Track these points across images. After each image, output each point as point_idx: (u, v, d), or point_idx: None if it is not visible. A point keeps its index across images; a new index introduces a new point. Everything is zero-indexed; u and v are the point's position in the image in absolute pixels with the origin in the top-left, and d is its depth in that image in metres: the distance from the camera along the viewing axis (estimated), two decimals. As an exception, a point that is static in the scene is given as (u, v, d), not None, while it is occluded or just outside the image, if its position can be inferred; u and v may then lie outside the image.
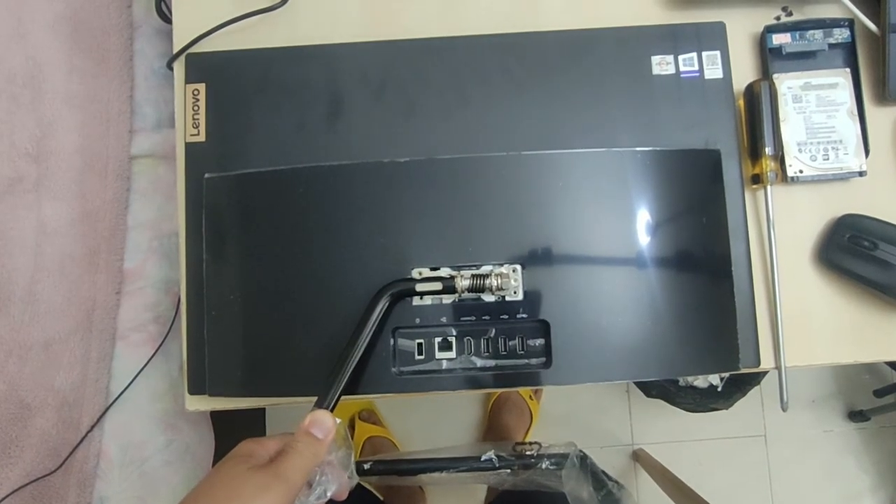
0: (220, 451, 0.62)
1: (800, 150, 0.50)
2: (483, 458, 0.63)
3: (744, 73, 0.52)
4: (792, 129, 0.51)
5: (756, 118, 0.49)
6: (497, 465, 0.62)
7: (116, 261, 0.58)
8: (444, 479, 0.65)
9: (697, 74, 0.50)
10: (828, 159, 0.50)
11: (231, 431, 0.60)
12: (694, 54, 0.51)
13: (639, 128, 0.50)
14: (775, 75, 0.51)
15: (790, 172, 0.50)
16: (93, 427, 0.56)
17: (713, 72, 0.51)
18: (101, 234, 0.57)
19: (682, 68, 0.50)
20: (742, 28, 0.53)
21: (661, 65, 0.50)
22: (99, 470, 0.57)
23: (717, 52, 0.51)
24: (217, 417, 0.63)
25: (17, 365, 0.54)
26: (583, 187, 0.47)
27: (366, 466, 0.59)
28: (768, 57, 0.51)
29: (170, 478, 0.58)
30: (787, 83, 0.51)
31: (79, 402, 0.56)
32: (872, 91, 0.52)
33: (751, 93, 0.50)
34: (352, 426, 1.21)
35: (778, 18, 0.53)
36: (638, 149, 0.47)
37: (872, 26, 0.51)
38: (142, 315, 0.59)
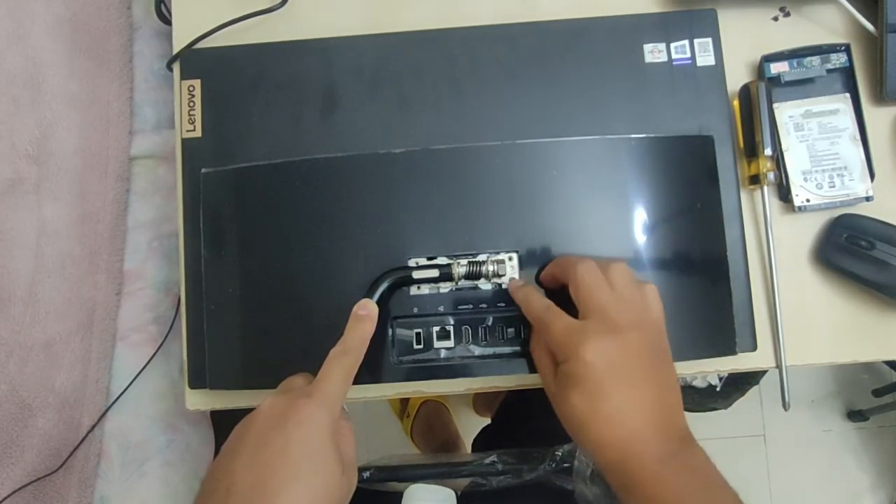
0: (221, 452, 0.62)
1: (805, 179, 0.50)
2: (486, 461, 0.62)
3: (738, 69, 0.53)
4: (796, 158, 0.51)
5: (753, 119, 0.49)
6: (501, 470, 0.62)
7: (117, 261, 0.58)
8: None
9: (689, 62, 0.51)
10: (834, 186, 0.50)
11: (231, 431, 0.60)
12: (686, 42, 0.51)
13: (632, 115, 0.50)
14: (776, 105, 0.51)
15: (797, 202, 0.50)
16: (93, 427, 0.56)
17: (705, 59, 0.51)
18: (101, 235, 0.57)
19: (674, 56, 0.51)
20: (738, 26, 0.53)
21: (654, 53, 0.51)
22: (100, 470, 0.57)
23: (709, 40, 0.51)
24: (218, 418, 0.63)
25: (17, 365, 0.54)
26: (577, 175, 0.47)
27: (365, 475, 0.59)
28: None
29: (170, 478, 0.58)
30: (788, 112, 0.51)
31: (79, 403, 0.56)
32: (870, 91, 0.52)
33: (746, 93, 0.50)
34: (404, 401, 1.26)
35: (776, 19, 0.53)
36: (632, 136, 0.48)
37: (870, 26, 0.51)
38: (142, 315, 0.59)
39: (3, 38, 0.54)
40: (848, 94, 0.51)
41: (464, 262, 0.45)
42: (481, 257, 0.46)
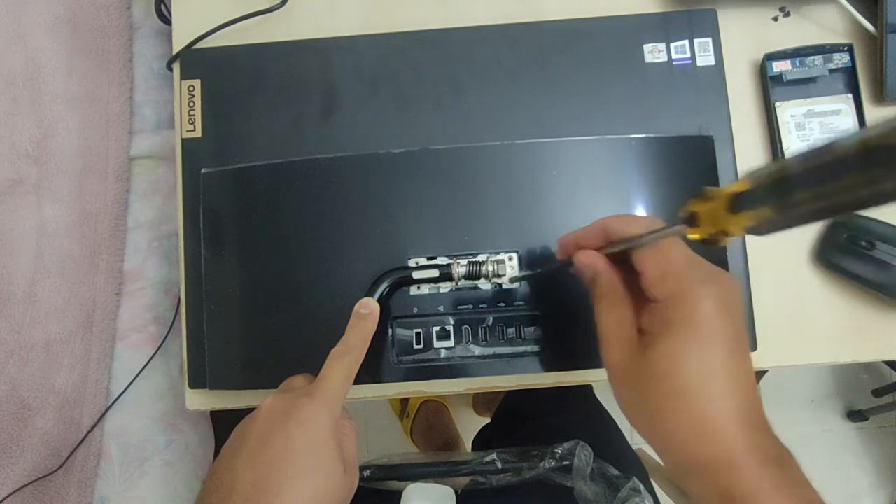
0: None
1: None
2: (486, 460, 0.62)
3: (738, 69, 0.53)
4: None
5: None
6: (500, 468, 0.62)
7: (116, 262, 0.58)
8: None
9: (689, 62, 0.51)
10: None
11: (231, 431, 0.60)
12: (686, 42, 0.51)
13: (632, 116, 0.50)
14: (777, 103, 0.51)
15: None
16: (93, 427, 0.56)
17: (705, 59, 0.51)
18: (101, 235, 0.57)
19: (674, 56, 0.51)
20: (738, 26, 0.53)
21: (654, 53, 0.51)
22: (99, 470, 0.57)
23: (709, 40, 0.51)
24: (218, 418, 0.63)
25: (17, 365, 0.54)
26: (577, 175, 0.47)
27: (365, 474, 0.59)
28: (769, 84, 0.51)
29: (170, 478, 0.59)
30: (790, 111, 0.51)
31: (79, 403, 0.56)
32: (870, 91, 0.52)
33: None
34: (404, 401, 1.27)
35: (776, 19, 0.53)
36: (632, 136, 0.48)
37: (870, 27, 0.51)
38: (142, 315, 0.59)
39: (3, 38, 0.54)
40: (850, 95, 0.51)
41: (464, 262, 0.45)
42: (481, 257, 0.46)
